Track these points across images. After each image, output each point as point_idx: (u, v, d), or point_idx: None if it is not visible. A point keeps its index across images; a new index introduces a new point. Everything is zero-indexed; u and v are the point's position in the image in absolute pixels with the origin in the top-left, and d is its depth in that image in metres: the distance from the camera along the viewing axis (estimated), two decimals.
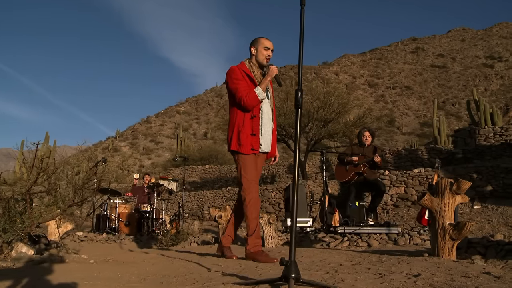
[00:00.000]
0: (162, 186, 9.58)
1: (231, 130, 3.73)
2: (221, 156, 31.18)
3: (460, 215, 11.07)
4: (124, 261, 3.78)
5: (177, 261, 3.74)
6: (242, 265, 3.25)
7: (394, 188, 12.20)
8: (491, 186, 11.30)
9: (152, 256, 4.67)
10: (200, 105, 73.70)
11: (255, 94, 3.62)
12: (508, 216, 10.22)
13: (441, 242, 3.84)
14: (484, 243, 3.97)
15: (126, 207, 9.49)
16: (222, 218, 8.02)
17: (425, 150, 15.11)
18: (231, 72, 3.72)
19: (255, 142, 3.67)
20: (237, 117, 3.68)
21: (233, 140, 3.67)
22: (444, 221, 3.89)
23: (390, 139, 57.73)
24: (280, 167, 23.31)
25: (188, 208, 16.36)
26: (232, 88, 3.68)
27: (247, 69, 3.77)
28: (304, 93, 17.45)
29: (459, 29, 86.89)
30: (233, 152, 3.74)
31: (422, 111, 63.85)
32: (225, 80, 3.79)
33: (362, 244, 5.91)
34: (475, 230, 9.80)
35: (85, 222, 11.16)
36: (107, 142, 66.64)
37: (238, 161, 3.73)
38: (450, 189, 3.95)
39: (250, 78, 3.73)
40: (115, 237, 8.08)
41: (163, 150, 60.15)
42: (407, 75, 72.38)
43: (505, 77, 64.14)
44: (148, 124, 70.31)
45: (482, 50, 74.75)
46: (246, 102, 3.59)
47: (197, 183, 23.97)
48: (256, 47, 3.81)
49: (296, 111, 2.02)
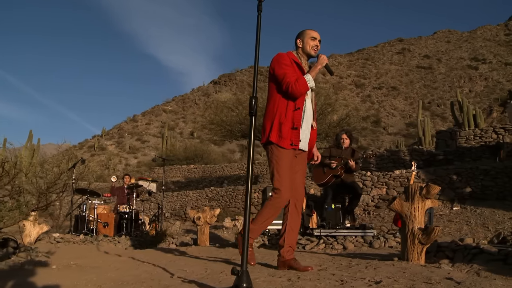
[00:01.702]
0: (141, 187, 9.50)
1: (270, 120, 3.39)
2: (206, 155, 31.10)
3: (440, 216, 11.18)
4: (89, 266, 3.72)
5: (144, 265, 3.70)
6: (208, 270, 3.22)
7: (375, 189, 12.26)
8: (470, 188, 11.41)
9: (122, 259, 4.62)
10: (187, 104, 73.46)
11: (304, 81, 3.34)
12: (485, 218, 10.33)
13: (411, 246, 3.86)
14: (452, 247, 3.99)
15: (105, 208, 9.40)
16: (200, 219, 8.00)
17: (407, 152, 15.22)
18: (279, 57, 3.46)
19: (295, 137, 3.34)
20: (279, 107, 3.36)
21: (274, 131, 3.32)
22: (414, 225, 3.90)
23: (376, 139, 58.10)
24: (264, 167, 23.27)
25: (171, 208, 16.27)
26: (280, 73, 3.36)
27: (295, 57, 3.52)
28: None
29: (445, 30, 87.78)
30: (270, 144, 3.36)
31: (408, 112, 64.38)
32: (271, 66, 3.47)
33: (338, 247, 5.91)
34: (453, 231, 9.90)
35: (65, 223, 11.04)
36: (92, 140, 66.10)
37: (272, 158, 3.38)
38: (420, 193, 3.96)
39: (298, 66, 3.47)
40: (92, 238, 7.99)
41: (149, 149, 59.81)
42: (393, 76, 72.94)
43: (489, 78, 64.98)
44: (135, 122, 69.91)
45: (467, 52, 75.60)
46: (294, 88, 3.29)
47: (182, 182, 23.87)
48: (302, 39, 3.56)
49: (250, 119, 1.99)
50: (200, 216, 7.97)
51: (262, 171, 22.20)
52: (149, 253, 6.24)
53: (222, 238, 10.52)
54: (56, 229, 11.07)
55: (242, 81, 74.09)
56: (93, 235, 8.46)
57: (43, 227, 7.42)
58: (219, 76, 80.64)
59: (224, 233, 11.18)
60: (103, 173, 42.91)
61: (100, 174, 32.45)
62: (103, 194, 9.82)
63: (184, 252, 5.99)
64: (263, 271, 3.18)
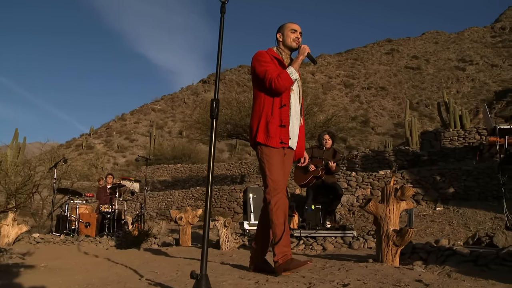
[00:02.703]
0: (124, 186, 9.43)
1: (257, 120, 3.29)
2: (194, 155, 31.00)
3: (423, 216, 11.26)
4: (58, 268, 3.68)
5: (117, 267, 3.67)
6: (178, 272, 3.20)
7: (360, 189, 12.32)
8: (453, 188, 11.51)
9: (97, 260, 4.58)
10: (176, 103, 73.21)
11: (287, 74, 3.22)
12: (467, 218, 10.42)
13: (385, 248, 3.86)
14: (426, 249, 4.01)
15: (87, 208, 9.32)
16: (182, 219, 7.96)
17: (392, 152, 15.32)
18: (258, 55, 3.35)
19: (284, 134, 3.23)
20: (265, 106, 3.26)
21: (260, 131, 3.22)
22: (388, 227, 3.91)
23: (364, 139, 58.39)
24: (252, 167, 23.32)
25: (156, 208, 16.20)
26: (261, 71, 3.26)
27: (275, 53, 3.42)
28: None
29: (433, 32, 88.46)
30: (259, 144, 3.26)
31: (396, 112, 64.79)
32: (252, 65, 3.38)
33: (318, 248, 5.92)
34: (436, 232, 9.97)
35: (48, 222, 10.94)
36: (80, 139, 65.62)
37: (262, 158, 3.25)
38: (394, 195, 3.97)
39: (279, 61, 3.36)
40: (73, 238, 7.91)
41: (138, 148, 59.53)
42: (382, 76, 73.34)
43: (476, 80, 65.65)
44: (123, 121, 69.51)
45: (455, 53, 76.29)
46: (277, 83, 3.18)
47: (168, 182, 23.77)
48: (282, 32, 3.46)
49: (211, 122, 1.98)
50: (182, 216, 7.94)
51: (249, 171, 22.20)
52: (128, 253, 6.20)
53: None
54: (39, 229, 10.97)
55: (231, 80, 73.99)
56: (75, 235, 8.39)
57: (22, 227, 7.34)
58: (208, 75, 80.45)
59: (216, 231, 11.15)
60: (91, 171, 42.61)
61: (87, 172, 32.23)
62: (85, 194, 9.74)
63: (164, 253, 5.96)
64: (234, 274, 3.17)
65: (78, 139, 66.53)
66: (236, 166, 25.14)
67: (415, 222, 10.84)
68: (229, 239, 6.06)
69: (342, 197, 12.25)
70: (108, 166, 54.67)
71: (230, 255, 5.14)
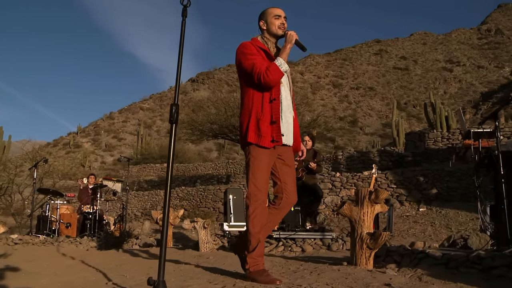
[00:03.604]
0: (105, 187, 9.35)
1: (247, 118, 3.03)
2: (182, 154, 30.87)
3: (406, 217, 11.33)
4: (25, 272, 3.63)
5: (88, 270, 3.63)
6: (148, 276, 3.16)
7: (344, 190, 12.36)
8: (436, 189, 11.60)
9: (71, 263, 4.53)
10: (165, 101, 72.85)
11: (276, 66, 2.97)
12: (449, 219, 10.51)
13: (359, 251, 3.87)
14: (400, 252, 4.02)
15: (68, 208, 9.23)
16: None
17: (377, 153, 15.40)
18: (242, 48, 3.09)
19: (275, 132, 2.99)
20: (254, 102, 3.01)
21: (251, 130, 2.97)
22: (363, 230, 3.92)
23: (353, 139, 58.64)
24: (238, 167, 23.29)
25: (141, 208, 16.12)
26: (247, 65, 3.00)
27: (261, 43, 3.16)
28: None
29: (421, 33, 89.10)
30: (249, 145, 3.01)
31: (384, 112, 65.16)
32: (236, 59, 3.11)
33: (296, 249, 5.92)
34: (418, 233, 10.04)
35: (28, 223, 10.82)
36: (68, 137, 65.07)
37: (249, 159, 3.02)
38: (369, 198, 3.98)
39: (266, 52, 3.11)
40: (53, 239, 7.82)
41: (126, 147, 59.21)
42: (370, 76, 73.71)
43: (463, 81, 66.31)
44: (111, 120, 69.06)
45: (442, 54, 76.95)
46: (267, 77, 2.94)
47: (155, 181, 23.66)
48: (266, 19, 3.18)
49: (171, 127, 1.95)
50: None
51: (236, 171, 22.17)
52: (106, 255, 6.15)
53: (189, 238, 10.44)
54: (20, 229, 10.85)
55: (220, 79, 73.88)
56: (55, 236, 8.30)
57: (0, 228, 7.25)
58: (197, 74, 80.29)
59: (192, 233, 11.11)
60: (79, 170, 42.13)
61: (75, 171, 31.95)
62: (66, 194, 9.65)
63: (142, 254, 5.92)
64: (204, 277, 3.15)
65: (65, 137, 65.95)
66: (223, 165, 25.12)
67: (398, 223, 10.91)
68: (208, 241, 6.04)
69: (327, 198, 12.30)
70: (95, 165, 54.33)
71: (207, 257, 5.13)
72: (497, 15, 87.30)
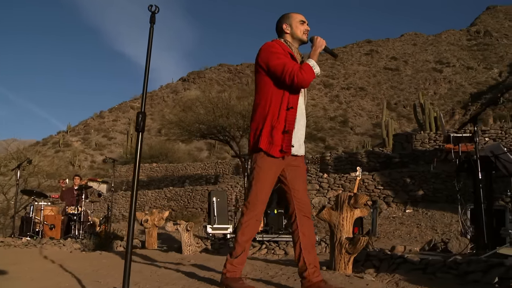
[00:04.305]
0: (90, 188, 9.28)
1: (261, 123, 2.86)
2: (171, 154, 30.76)
3: (393, 219, 11.38)
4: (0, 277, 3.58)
5: (64, 275, 3.60)
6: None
7: (332, 191, 12.39)
8: (422, 191, 11.66)
9: (51, 267, 4.49)
10: (155, 101, 72.58)
11: (310, 67, 2.82)
12: (435, 220, 10.57)
13: (338, 255, 3.88)
14: (380, 256, 4.03)
15: (53, 210, 9.15)
16: (148, 222, 7.89)
17: (365, 154, 15.45)
18: (270, 47, 2.93)
19: (286, 142, 2.83)
20: (271, 107, 2.84)
21: (264, 137, 2.82)
22: (342, 235, 3.92)
23: (343, 139, 58.75)
24: (227, 167, 23.27)
25: (129, 208, 16.04)
26: (277, 64, 2.82)
27: (286, 46, 2.99)
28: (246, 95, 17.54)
29: (411, 33, 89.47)
30: (260, 151, 2.85)
31: (375, 112, 65.37)
32: (261, 58, 2.92)
33: (280, 252, 5.92)
34: (404, 234, 10.09)
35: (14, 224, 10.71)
36: (57, 136, 64.58)
37: (255, 167, 2.88)
38: (348, 203, 3.98)
39: (291, 56, 2.93)
40: (36, 241, 7.74)
41: (116, 146, 58.91)
42: (361, 77, 73.94)
43: (452, 82, 66.72)
44: (101, 119, 68.65)
45: (432, 55, 77.36)
46: (300, 77, 2.76)
47: (143, 181, 23.55)
48: (290, 23, 3.04)
49: (137, 135, 1.93)
50: (148, 219, 7.87)
51: (225, 171, 22.13)
52: (87, 257, 6.10)
53: (176, 239, 10.40)
54: (3, 231, 10.73)
55: (211, 78, 73.75)
56: (38, 238, 8.22)
57: None
58: (188, 74, 80.00)
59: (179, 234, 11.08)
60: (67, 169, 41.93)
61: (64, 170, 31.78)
62: (51, 196, 9.56)
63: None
64: (180, 282, 3.13)
65: (55, 136, 65.46)
66: (212, 166, 25.07)
67: (384, 225, 10.96)
68: (191, 243, 6.02)
69: (314, 199, 12.31)
70: (85, 164, 54.00)
71: (189, 260, 5.10)
72: (486, 17, 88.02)
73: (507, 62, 66.91)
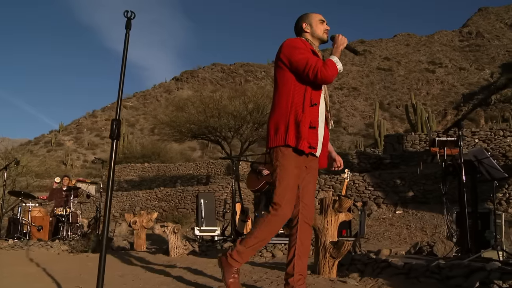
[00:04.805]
0: (79, 189, 9.23)
1: (283, 119, 2.77)
2: (164, 153, 30.68)
3: (383, 220, 11.40)
4: None
5: (45, 280, 3.56)
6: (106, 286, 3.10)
7: (322, 192, 12.39)
8: (412, 192, 11.70)
9: (33, 271, 4.44)
10: (148, 100, 72.41)
11: (333, 63, 2.77)
12: (425, 222, 10.60)
13: (322, 260, 3.86)
14: (364, 261, 4.03)
15: (41, 211, 9.08)
16: (136, 224, 7.86)
17: (355, 155, 15.49)
18: (293, 42, 2.88)
19: (313, 139, 2.76)
20: (294, 103, 2.77)
21: (291, 131, 2.72)
22: (326, 239, 3.91)
23: (336, 139, 58.83)
24: (219, 167, 23.21)
25: (120, 208, 15.97)
26: (301, 58, 2.76)
27: (308, 44, 2.94)
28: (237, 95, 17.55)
29: (404, 34, 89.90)
30: (285, 146, 2.74)
31: (368, 112, 65.62)
32: (284, 53, 2.86)
33: (267, 255, 5.89)
34: (393, 236, 10.12)
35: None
36: (49, 135, 64.29)
37: (278, 164, 2.76)
38: (333, 207, 3.97)
39: (313, 52, 2.89)
40: (23, 243, 7.67)
41: (109, 145, 58.29)
42: (354, 77, 74.18)
43: (445, 82, 67.14)
44: (94, 118, 68.41)
45: (425, 55, 77.77)
46: (325, 71, 2.71)
47: (135, 181, 23.47)
48: (310, 22, 3.01)
49: (112, 143, 1.91)
50: (136, 220, 7.84)
51: (217, 171, 22.08)
52: (73, 260, 6.06)
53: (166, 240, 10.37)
54: None
55: (204, 78, 73.66)
56: (25, 239, 8.15)
57: None
58: (181, 73, 79.83)
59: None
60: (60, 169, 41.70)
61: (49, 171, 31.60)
62: (39, 197, 9.49)
63: (112, 259, 5.85)
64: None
65: (47, 135, 65.20)
66: (204, 166, 25.01)
67: (374, 226, 10.98)
68: (178, 246, 5.99)
69: None
70: (77, 164, 53.79)
71: (175, 263, 5.08)
72: (477, 18, 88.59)
73: (499, 63, 67.39)
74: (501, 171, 4.11)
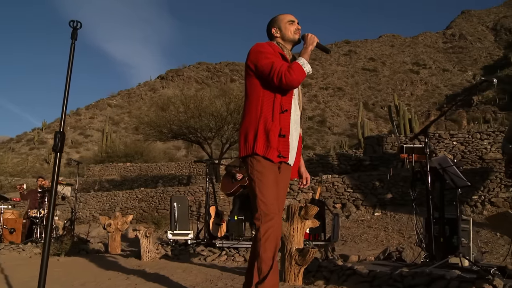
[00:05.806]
0: None
1: (253, 127, 2.68)
2: (147, 153, 30.48)
3: (361, 222, 11.46)
4: None
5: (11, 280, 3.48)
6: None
7: (302, 193, 12.41)
8: (391, 194, 11.76)
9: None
10: (133, 98, 71.92)
11: (299, 66, 2.67)
12: (402, 224, 10.67)
13: (288, 267, 3.85)
14: (330, 268, 4.01)
15: (14, 213, 8.92)
16: (111, 226, 7.76)
17: (336, 156, 15.54)
18: (259, 47, 2.77)
19: (283, 147, 2.67)
20: (264, 110, 2.67)
21: (260, 140, 2.62)
22: (292, 246, 3.89)
23: (321, 138, 59.15)
24: (201, 167, 23.11)
25: (100, 209, 15.80)
26: (266, 63, 2.66)
27: (278, 47, 2.84)
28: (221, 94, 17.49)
29: (389, 35, 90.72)
30: (254, 155, 2.65)
31: (352, 112, 66.05)
32: (250, 58, 2.76)
33: (239, 259, 5.87)
34: (370, 238, 10.16)
35: None
36: (32, 133, 63.46)
37: (253, 174, 2.66)
38: (299, 214, 3.96)
39: (283, 57, 2.79)
40: None
41: (92, 144, 58.17)
42: (339, 77, 74.61)
43: (429, 83, 67.95)
44: (78, 116, 67.72)
45: (409, 56, 78.58)
46: (289, 77, 2.61)
47: (116, 181, 23.26)
48: (278, 26, 2.91)
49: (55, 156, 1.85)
50: (111, 223, 7.74)
51: (199, 171, 21.96)
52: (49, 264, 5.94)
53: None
54: None
55: (189, 77, 73.38)
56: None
57: None
58: (167, 72, 79.46)
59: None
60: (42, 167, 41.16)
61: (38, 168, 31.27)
62: (12, 199, 9.33)
63: (83, 263, 5.78)
64: None
65: (29, 133, 64.33)
66: (186, 166, 24.90)
67: (352, 228, 11.03)
68: (150, 250, 5.93)
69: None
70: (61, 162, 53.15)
71: (144, 268, 5.04)
72: (460, 20, 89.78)
73: (481, 65, 68.34)
74: (464, 179, 4.16)
